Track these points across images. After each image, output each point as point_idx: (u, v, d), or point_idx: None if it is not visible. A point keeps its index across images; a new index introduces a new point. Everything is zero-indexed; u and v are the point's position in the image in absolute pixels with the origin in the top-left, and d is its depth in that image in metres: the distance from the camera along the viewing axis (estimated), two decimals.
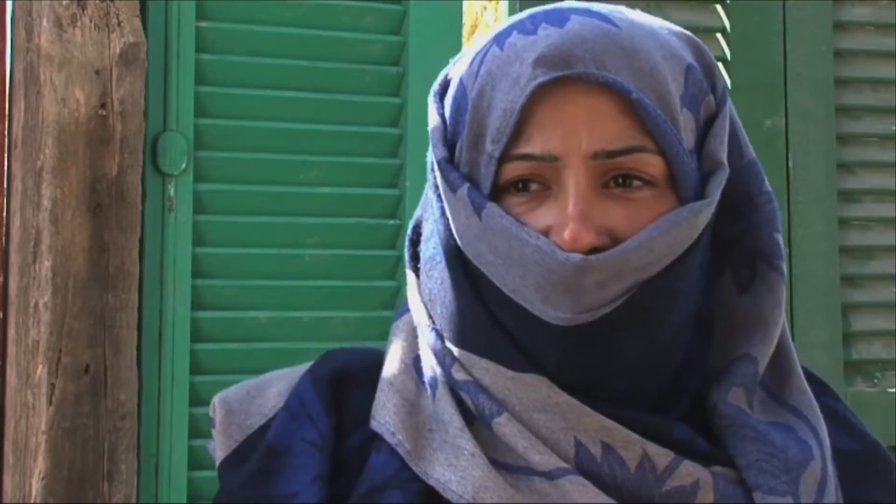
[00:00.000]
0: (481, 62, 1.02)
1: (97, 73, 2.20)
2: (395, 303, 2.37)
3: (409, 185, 2.43)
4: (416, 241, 1.12)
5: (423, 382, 1.04)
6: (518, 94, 0.99)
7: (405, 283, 1.12)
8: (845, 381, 2.79)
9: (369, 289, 2.41)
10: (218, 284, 2.33)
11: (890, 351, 2.86)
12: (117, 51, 2.22)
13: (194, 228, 2.31)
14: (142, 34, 2.24)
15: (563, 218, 0.98)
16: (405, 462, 1.00)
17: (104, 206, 2.20)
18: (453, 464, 0.98)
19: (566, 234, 0.97)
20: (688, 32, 1.08)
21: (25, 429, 2.18)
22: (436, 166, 1.04)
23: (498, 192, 1.01)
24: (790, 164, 2.80)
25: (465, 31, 4.53)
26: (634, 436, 0.98)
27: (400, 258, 2.39)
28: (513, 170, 1.00)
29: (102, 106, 2.21)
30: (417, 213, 1.13)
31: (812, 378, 1.10)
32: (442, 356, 1.03)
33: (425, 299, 1.07)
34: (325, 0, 2.43)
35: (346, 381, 1.07)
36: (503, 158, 1.00)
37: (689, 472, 0.98)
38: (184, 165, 2.31)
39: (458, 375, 1.01)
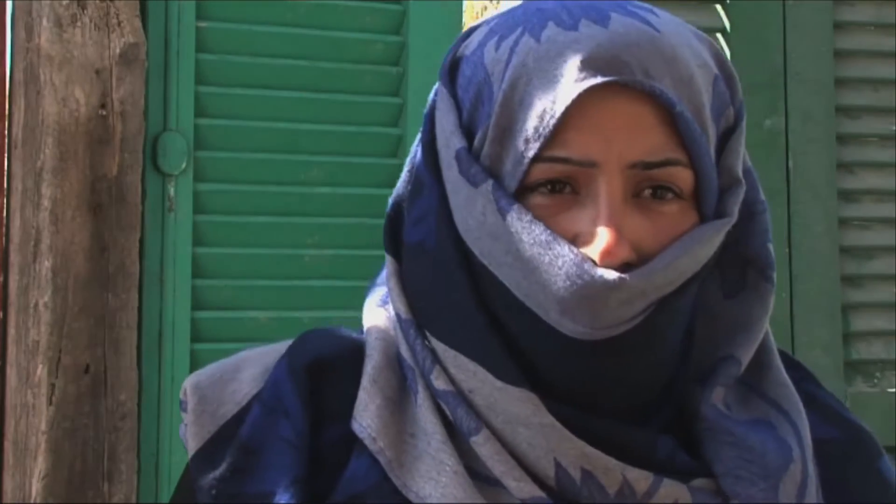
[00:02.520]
0: (512, 50, 0.97)
1: (97, 73, 2.20)
2: None
3: None
4: (394, 219, 1.06)
5: (406, 379, 1.00)
6: (562, 96, 0.95)
7: None
8: (845, 381, 2.79)
9: None
10: (218, 284, 2.33)
11: (890, 351, 2.85)
12: (117, 51, 2.22)
13: (194, 228, 2.31)
14: (142, 34, 2.24)
15: (593, 227, 0.95)
16: (386, 473, 0.97)
17: (104, 206, 2.20)
18: (434, 478, 0.95)
19: (600, 248, 0.93)
20: (706, 37, 1.05)
21: (25, 429, 2.18)
22: (453, 155, 0.99)
23: (522, 190, 0.97)
24: (790, 164, 2.80)
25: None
26: (614, 462, 0.95)
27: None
28: (543, 171, 0.96)
29: (102, 106, 2.21)
30: (398, 189, 1.07)
31: (790, 362, 1.08)
32: (422, 359, 0.99)
33: (408, 288, 1.02)
34: (325, 0, 2.43)
35: (324, 370, 1.03)
36: (534, 159, 0.95)
37: (669, 492, 0.96)
38: (184, 165, 2.31)
39: (438, 384, 0.98)
